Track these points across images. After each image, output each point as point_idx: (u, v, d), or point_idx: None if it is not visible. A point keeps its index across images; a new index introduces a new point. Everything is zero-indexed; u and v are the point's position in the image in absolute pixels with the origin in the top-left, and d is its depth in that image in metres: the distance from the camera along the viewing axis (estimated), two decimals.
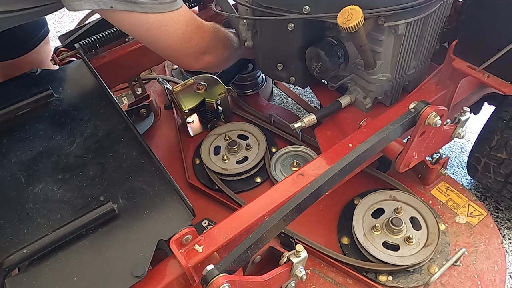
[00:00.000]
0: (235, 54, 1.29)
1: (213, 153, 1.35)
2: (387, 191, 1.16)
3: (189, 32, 1.04)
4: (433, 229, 1.08)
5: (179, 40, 1.03)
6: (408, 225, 1.09)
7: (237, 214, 0.90)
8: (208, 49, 1.13)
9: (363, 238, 1.07)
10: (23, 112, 1.06)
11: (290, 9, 1.02)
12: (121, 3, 0.90)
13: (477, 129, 1.33)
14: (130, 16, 0.93)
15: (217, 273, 0.73)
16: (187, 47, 1.07)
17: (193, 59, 1.13)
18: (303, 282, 1.05)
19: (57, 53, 1.33)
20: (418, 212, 1.12)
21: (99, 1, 0.88)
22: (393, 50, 1.05)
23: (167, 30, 1.00)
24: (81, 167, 0.93)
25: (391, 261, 1.02)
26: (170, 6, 0.96)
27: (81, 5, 0.89)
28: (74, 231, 0.81)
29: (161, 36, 1.00)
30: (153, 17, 0.94)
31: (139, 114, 1.51)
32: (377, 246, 1.05)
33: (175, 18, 0.99)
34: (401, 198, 1.15)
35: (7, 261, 0.77)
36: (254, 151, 1.34)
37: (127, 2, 0.90)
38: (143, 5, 0.91)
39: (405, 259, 1.03)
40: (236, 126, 1.41)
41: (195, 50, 1.09)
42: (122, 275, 0.77)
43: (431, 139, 1.02)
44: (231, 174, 1.29)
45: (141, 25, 0.96)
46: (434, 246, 1.04)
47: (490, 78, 1.03)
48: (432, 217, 1.09)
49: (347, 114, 1.20)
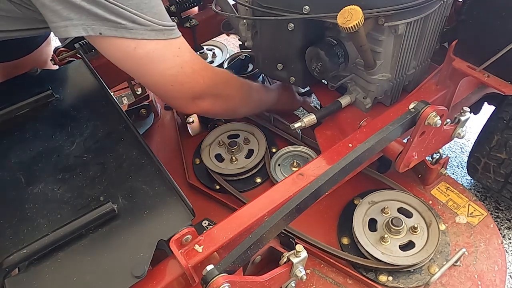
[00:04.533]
0: (253, 105, 1.23)
1: (213, 153, 1.35)
2: (387, 191, 1.16)
3: (183, 75, 0.96)
4: (433, 229, 1.08)
5: (169, 82, 0.96)
6: (408, 225, 1.09)
7: (237, 214, 0.90)
8: (205, 94, 1.04)
9: (363, 238, 1.07)
10: (23, 112, 1.06)
11: (290, 9, 1.02)
12: (110, 29, 0.85)
13: (477, 129, 1.33)
14: (119, 44, 0.88)
15: (217, 273, 0.73)
16: (179, 90, 0.99)
17: (185, 103, 1.04)
18: (303, 282, 1.04)
19: (57, 53, 1.33)
20: (418, 212, 1.12)
21: (87, 28, 0.84)
22: (393, 50, 1.05)
23: (157, 69, 0.93)
24: (81, 167, 0.93)
25: (391, 261, 1.02)
26: (163, 34, 0.90)
27: (68, 31, 0.85)
28: (74, 231, 0.81)
29: (151, 73, 0.94)
30: (143, 47, 0.89)
31: (139, 114, 1.51)
32: (377, 246, 1.05)
33: (168, 52, 0.92)
34: (401, 198, 1.15)
35: (7, 261, 0.77)
36: (254, 151, 1.34)
37: (116, 28, 0.85)
38: (133, 30, 0.86)
39: (405, 259, 1.03)
40: (236, 126, 1.41)
41: (187, 95, 1.01)
42: (122, 275, 0.77)
43: (431, 139, 1.02)
44: (231, 174, 1.29)
45: (130, 56, 0.90)
46: (434, 246, 1.04)
47: (490, 78, 1.02)
48: (432, 217, 1.09)
49: (347, 114, 1.20)
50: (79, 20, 0.84)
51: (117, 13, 0.84)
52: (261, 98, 1.27)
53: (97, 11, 0.83)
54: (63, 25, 0.84)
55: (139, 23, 0.87)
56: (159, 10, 0.90)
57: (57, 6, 0.82)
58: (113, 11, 0.84)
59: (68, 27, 0.84)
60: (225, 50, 1.82)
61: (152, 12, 0.88)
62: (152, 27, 0.88)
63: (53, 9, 0.83)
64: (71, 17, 0.83)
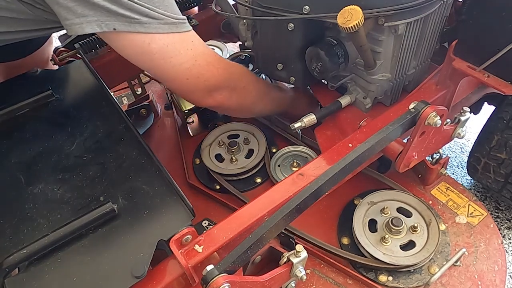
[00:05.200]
0: (270, 103, 1.21)
1: (213, 154, 1.35)
2: (387, 191, 1.16)
3: (197, 67, 0.96)
4: (433, 228, 1.08)
5: (185, 75, 0.96)
6: (408, 225, 1.09)
7: (237, 214, 0.90)
8: (221, 87, 1.03)
9: (363, 238, 1.07)
10: (23, 112, 1.06)
11: (290, 9, 1.02)
12: (124, 24, 0.86)
13: (477, 129, 1.33)
14: (133, 39, 0.89)
15: (217, 273, 0.73)
16: (194, 83, 0.99)
17: (201, 96, 1.03)
18: (303, 282, 1.04)
19: (57, 53, 1.33)
20: (417, 211, 1.12)
21: (101, 23, 0.85)
22: (393, 50, 1.05)
23: (172, 63, 0.93)
24: (81, 167, 0.93)
25: (391, 261, 1.02)
26: (177, 27, 0.91)
27: (83, 28, 0.85)
28: (74, 231, 0.81)
29: (166, 67, 0.95)
30: (158, 42, 0.89)
31: (139, 114, 1.51)
32: (377, 246, 1.05)
33: (181, 46, 0.93)
34: (400, 198, 1.15)
35: (7, 261, 0.77)
36: (254, 151, 1.34)
37: (130, 22, 0.86)
38: (147, 25, 0.87)
39: (405, 259, 1.03)
40: (236, 126, 1.41)
41: (202, 87, 1.01)
42: (122, 275, 0.77)
43: (431, 139, 1.02)
44: (231, 174, 1.29)
45: (145, 51, 0.90)
46: (434, 246, 1.04)
47: (490, 78, 1.02)
48: (431, 216, 1.09)
49: (347, 114, 1.20)
50: (94, 17, 0.84)
51: (131, 8, 0.85)
52: (279, 97, 1.24)
53: (111, 7, 0.84)
54: (78, 22, 0.85)
55: (152, 17, 0.87)
56: (170, 3, 0.91)
57: (71, 3, 0.83)
58: (126, 6, 0.85)
59: (83, 24, 0.85)
60: (225, 50, 1.82)
61: (164, 5, 0.89)
62: (165, 20, 0.89)
63: (67, 6, 0.83)
64: (85, 14, 0.84)
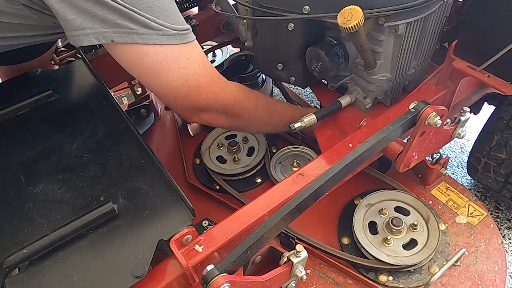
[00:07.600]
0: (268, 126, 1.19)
1: (214, 156, 1.35)
2: (387, 191, 1.16)
3: (186, 88, 0.94)
4: (432, 224, 1.08)
5: (173, 93, 0.95)
6: (408, 223, 1.09)
7: (237, 214, 0.90)
8: (209, 109, 1.02)
9: (365, 241, 1.07)
10: (23, 112, 1.06)
11: (290, 9, 1.02)
12: (121, 36, 0.84)
13: (477, 129, 1.33)
14: (128, 51, 0.87)
15: (217, 273, 0.73)
16: (182, 101, 0.98)
17: (187, 114, 1.03)
18: (303, 282, 1.05)
19: (57, 53, 1.33)
20: (414, 209, 1.12)
21: (99, 36, 0.83)
22: (393, 50, 1.05)
23: (162, 80, 0.92)
24: (81, 167, 0.93)
25: (391, 261, 1.02)
26: (175, 38, 0.88)
27: (80, 40, 0.84)
28: (74, 231, 0.81)
29: (156, 83, 0.94)
30: (151, 57, 0.87)
31: (139, 114, 1.51)
32: (380, 247, 1.05)
33: (174, 63, 0.91)
34: (396, 197, 1.15)
35: (7, 261, 0.77)
36: (254, 151, 1.34)
37: (128, 33, 0.84)
38: (144, 35, 0.85)
39: (405, 259, 1.03)
40: None
41: (189, 107, 1.00)
42: (122, 275, 0.77)
43: (431, 139, 1.02)
44: (231, 174, 1.29)
45: (138, 65, 0.89)
46: (436, 241, 1.04)
47: (490, 78, 1.02)
48: (429, 212, 1.09)
49: (347, 114, 1.20)
50: (91, 29, 0.83)
51: (130, 17, 0.83)
52: (283, 120, 1.17)
53: (109, 17, 0.82)
54: (75, 34, 0.84)
55: (151, 27, 0.85)
56: (172, 14, 0.89)
57: (70, 16, 0.82)
58: (126, 15, 0.83)
59: (81, 37, 0.83)
60: (225, 50, 1.82)
61: (165, 15, 0.87)
62: (164, 31, 0.87)
63: (66, 18, 0.82)
64: (83, 26, 0.83)
